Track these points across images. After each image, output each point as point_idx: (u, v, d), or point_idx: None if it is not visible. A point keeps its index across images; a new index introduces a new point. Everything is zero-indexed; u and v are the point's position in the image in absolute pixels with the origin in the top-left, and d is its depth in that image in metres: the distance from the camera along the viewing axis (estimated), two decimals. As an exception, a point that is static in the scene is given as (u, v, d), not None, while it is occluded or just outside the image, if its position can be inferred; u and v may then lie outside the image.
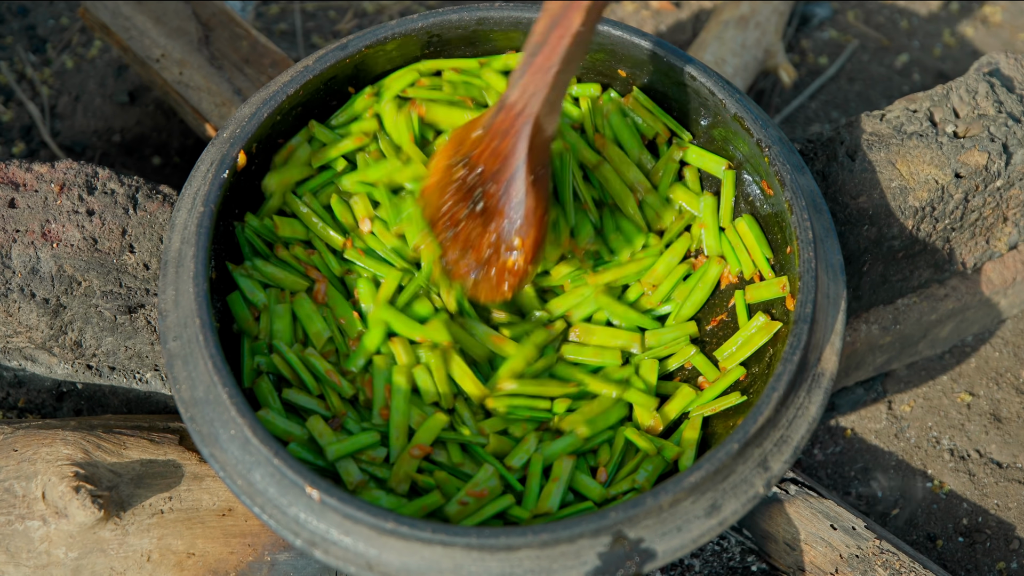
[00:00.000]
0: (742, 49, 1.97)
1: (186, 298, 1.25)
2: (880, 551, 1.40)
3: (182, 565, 1.32)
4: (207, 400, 1.21)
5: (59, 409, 1.57)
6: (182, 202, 1.34)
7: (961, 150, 1.49)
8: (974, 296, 1.67)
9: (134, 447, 1.37)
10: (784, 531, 1.43)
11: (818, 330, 1.28)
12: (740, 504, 1.19)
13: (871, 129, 1.52)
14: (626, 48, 1.42)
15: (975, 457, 1.68)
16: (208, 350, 1.20)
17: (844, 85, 2.15)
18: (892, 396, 1.75)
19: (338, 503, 1.13)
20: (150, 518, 1.33)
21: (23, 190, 1.45)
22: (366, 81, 1.44)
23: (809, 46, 2.19)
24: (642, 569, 1.15)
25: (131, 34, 1.76)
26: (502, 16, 1.43)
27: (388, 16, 2.18)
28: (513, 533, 1.12)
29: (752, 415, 1.19)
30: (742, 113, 1.36)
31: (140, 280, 1.44)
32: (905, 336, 1.67)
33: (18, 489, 1.32)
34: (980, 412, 1.72)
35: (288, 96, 1.36)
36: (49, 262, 1.42)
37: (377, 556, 1.15)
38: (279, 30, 2.16)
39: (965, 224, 1.55)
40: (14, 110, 2.02)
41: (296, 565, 1.34)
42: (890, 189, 1.48)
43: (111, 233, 1.45)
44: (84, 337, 1.44)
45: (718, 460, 1.17)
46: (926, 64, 2.17)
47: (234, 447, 1.19)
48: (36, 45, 2.10)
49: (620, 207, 1.43)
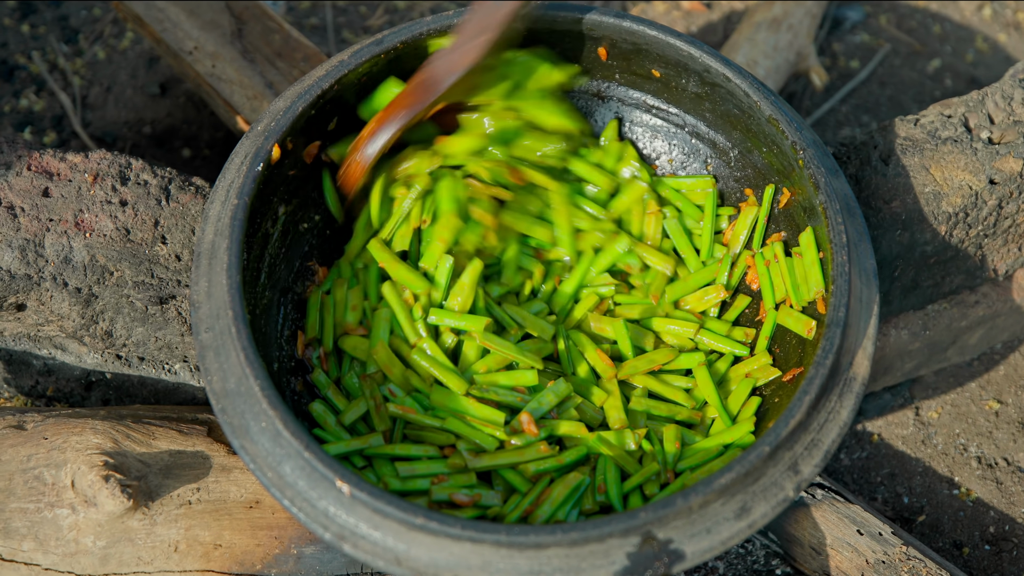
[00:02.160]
0: (774, 51, 1.96)
1: (219, 290, 1.25)
2: (907, 557, 1.39)
3: (209, 556, 1.33)
4: (238, 392, 1.21)
5: (87, 399, 1.58)
6: (216, 194, 1.34)
7: (996, 156, 1.48)
8: (1005, 303, 1.66)
9: (163, 438, 1.38)
10: (810, 535, 1.42)
11: (851, 334, 1.27)
12: (770, 507, 1.19)
13: (905, 134, 1.52)
14: (661, 48, 1.42)
15: (1003, 465, 1.67)
16: (240, 342, 1.20)
17: (875, 89, 2.14)
18: (920, 402, 1.74)
19: (368, 497, 1.13)
20: (178, 509, 1.34)
21: (57, 179, 1.46)
22: (401, 77, 1.44)
23: (841, 49, 2.19)
24: (671, 570, 1.15)
25: (164, 26, 1.76)
26: (537, 15, 1.42)
27: (419, 12, 2.19)
28: (542, 531, 1.12)
29: (784, 418, 1.19)
30: (777, 115, 1.36)
31: (172, 271, 1.44)
32: (934, 342, 1.67)
33: (48, 477, 1.32)
34: (1008, 420, 1.71)
35: (323, 90, 1.36)
36: (82, 251, 1.42)
37: (406, 551, 1.15)
38: (310, 24, 2.16)
39: (998, 231, 1.54)
40: (46, 100, 2.03)
41: (322, 559, 1.34)
42: (923, 194, 1.47)
43: (144, 224, 1.45)
44: (115, 327, 1.45)
45: (749, 463, 1.16)
46: (958, 69, 2.16)
47: (265, 439, 1.19)
48: (68, 36, 2.11)
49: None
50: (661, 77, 1.47)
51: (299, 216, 1.42)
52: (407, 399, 1.34)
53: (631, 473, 1.32)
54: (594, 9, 1.42)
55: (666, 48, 1.41)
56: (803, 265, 1.37)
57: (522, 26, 1.41)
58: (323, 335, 1.40)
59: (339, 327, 1.40)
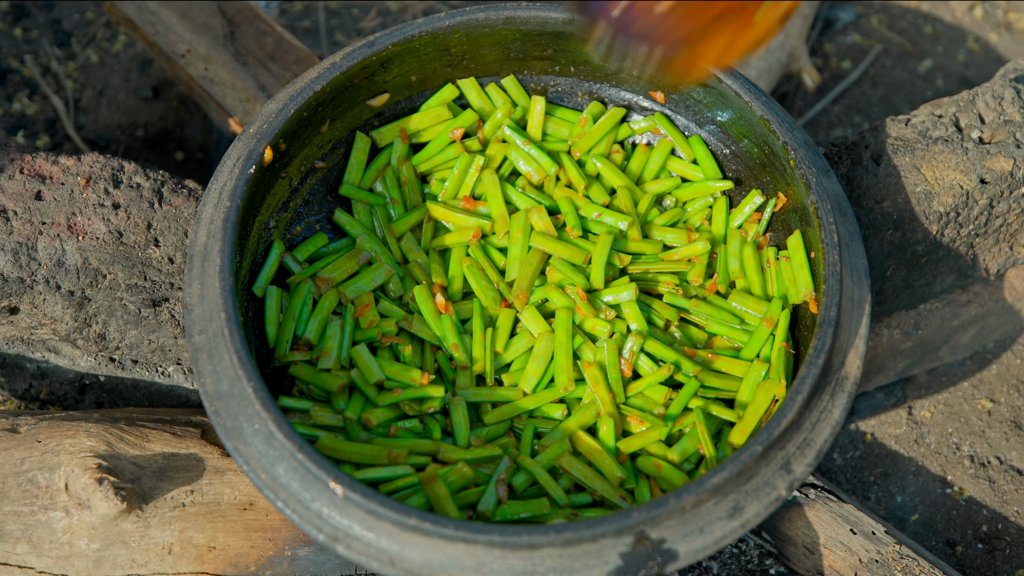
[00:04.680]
0: (766, 52, 1.97)
1: (212, 292, 1.25)
2: (900, 556, 1.39)
3: (203, 558, 1.33)
4: (232, 394, 1.21)
5: (81, 401, 1.58)
6: (208, 197, 1.34)
7: (987, 156, 1.49)
8: (996, 302, 1.66)
9: (156, 440, 1.38)
10: (803, 535, 1.43)
11: (842, 334, 1.28)
12: (762, 506, 1.19)
13: (896, 134, 1.52)
14: (652, 49, 1.42)
15: (995, 464, 1.67)
16: (233, 344, 1.20)
17: (867, 90, 2.14)
18: (912, 401, 1.74)
19: (361, 499, 1.13)
20: (172, 511, 1.34)
21: (50, 183, 1.46)
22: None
23: (832, 50, 2.19)
24: (664, 570, 1.15)
25: (157, 29, 1.76)
26: (528, 16, 1.43)
27: (411, 15, 2.19)
28: (536, 532, 1.13)
29: (776, 417, 1.19)
30: (768, 116, 1.36)
31: (165, 274, 1.44)
32: (927, 341, 1.67)
33: (41, 480, 1.32)
34: (1001, 419, 1.71)
35: (315, 93, 1.36)
36: (75, 255, 1.42)
37: (400, 552, 1.15)
38: (303, 27, 2.16)
39: (989, 230, 1.55)
40: (39, 103, 2.03)
41: (316, 560, 1.34)
42: (915, 194, 1.48)
43: (136, 227, 1.45)
44: (108, 330, 1.45)
45: (741, 462, 1.17)
46: (950, 70, 2.17)
47: (258, 441, 1.19)
48: (61, 39, 2.11)
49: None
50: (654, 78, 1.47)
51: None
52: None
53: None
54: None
55: (657, 49, 1.42)
56: (791, 268, 1.37)
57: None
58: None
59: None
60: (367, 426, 1.31)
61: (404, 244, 1.44)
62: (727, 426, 1.34)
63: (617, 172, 1.48)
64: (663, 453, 1.31)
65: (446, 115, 1.49)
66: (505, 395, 1.35)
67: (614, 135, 1.50)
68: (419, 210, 1.46)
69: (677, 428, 1.33)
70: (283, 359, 1.34)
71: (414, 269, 1.43)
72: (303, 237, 1.45)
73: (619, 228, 1.45)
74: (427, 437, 1.32)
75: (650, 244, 1.44)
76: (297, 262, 1.40)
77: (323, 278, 1.38)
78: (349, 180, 1.46)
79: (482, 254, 1.43)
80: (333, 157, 1.47)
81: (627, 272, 1.43)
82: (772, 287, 1.40)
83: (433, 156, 1.48)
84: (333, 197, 1.48)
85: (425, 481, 1.26)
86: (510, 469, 1.29)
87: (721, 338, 1.40)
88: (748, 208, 1.44)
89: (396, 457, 1.27)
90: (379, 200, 1.46)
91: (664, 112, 1.50)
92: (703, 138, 1.48)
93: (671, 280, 1.42)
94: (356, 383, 1.33)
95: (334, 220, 1.45)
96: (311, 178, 1.45)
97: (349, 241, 1.44)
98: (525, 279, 1.40)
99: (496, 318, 1.40)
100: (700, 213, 1.47)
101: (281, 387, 1.37)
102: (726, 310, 1.39)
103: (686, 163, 1.49)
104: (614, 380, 1.35)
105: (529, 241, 1.43)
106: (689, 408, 1.34)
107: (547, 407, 1.35)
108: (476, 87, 1.50)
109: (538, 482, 1.30)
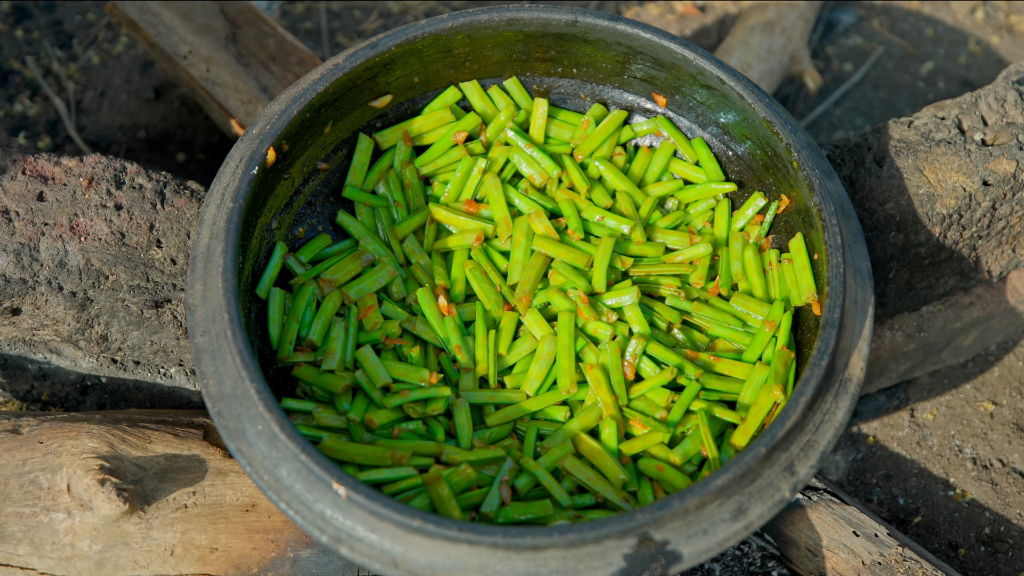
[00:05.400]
0: (768, 54, 1.97)
1: (214, 293, 1.25)
2: (903, 558, 1.39)
3: (205, 560, 1.33)
4: (234, 395, 1.21)
5: (83, 403, 1.57)
6: (211, 198, 1.34)
7: (989, 158, 1.49)
8: (999, 305, 1.66)
9: (159, 441, 1.38)
10: (806, 537, 1.43)
11: (846, 335, 1.27)
12: (766, 508, 1.19)
13: (899, 136, 1.52)
14: (655, 51, 1.42)
15: (998, 466, 1.67)
16: (236, 345, 1.20)
17: (869, 92, 2.14)
18: (915, 404, 1.74)
19: (365, 500, 1.13)
20: (174, 512, 1.33)
21: (52, 184, 1.46)
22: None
23: (834, 52, 2.19)
24: (667, 571, 1.15)
25: (159, 30, 1.76)
26: (531, 17, 1.43)
27: (413, 16, 2.19)
28: (539, 533, 1.12)
29: (780, 419, 1.19)
30: (771, 118, 1.36)
31: (167, 275, 1.44)
32: (929, 344, 1.67)
33: (43, 481, 1.32)
34: (1003, 421, 1.71)
35: (318, 94, 1.36)
36: (77, 256, 1.42)
37: (403, 553, 1.15)
38: (304, 28, 2.16)
39: (992, 232, 1.55)
40: (40, 104, 2.03)
41: (319, 561, 1.34)
42: (917, 196, 1.48)
43: (139, 228, 1.45)
44: (110, 331, 1.44)
45: (745, 463, 1.16)
46: (951, 72, 2.17)
47: (261, 442, 1.19)
48: (63, 40, 2.10)
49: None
50: (656, 80, 1.47)
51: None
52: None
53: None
54: (587, 12, 1.42)
55: (660, 51, 1.42)
56: (793, 271, 1.37)
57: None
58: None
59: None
60: (370, 428, 1.31)
61: (407, 246, 1.44)
62: (729, 428, 1.34)
63: (619, 175, 1.48)
64: (665, 455, 1.31)
65: (449, 118, 1.49)
66: (508, 397, 1.35)
67: (616, 137, 1.51)
68: (422, 213, 1.46)
69: (680, 430, 1.33)
70: (286, 360, 1.34)
71: (417, 271, 1.43)
72: (306, 239, 1.45)
73: (621, 231, 1.45)
74: (430, 439, 1.32)
75: (652, 247, 1.44)
76: (300, 263, 1.40)
77: (326, 280, 1.38)
78: (352, 182, 1.46)
79: (484, 257, 1.43)
80: (336, 158, 1.47)
81: (629, 275, 1.43)
82: (774, 290, 1.40)
83: (436, 159, 1.49)
84: (336, 199, 1.48)
85: (428, 483, 1.25)
86: (513, 471, 1.29)
87: (723, 340, 1.40)
88: (750, 210, 1.44)
89: (399, 459, 1.27)
90: (382, 203, 1.46)
91: (666, 114, 1.50)
92: (706, 140, 1.49)
93: (673, 283, 1.42)
94: (360, 384, 1.33)
95: (337, 222, 1.45)
96: (314, 179, 1.45)
97: (352, 243, 1.44)
98: (528, 282, 1.40)
99: (499, 321, 1.40)
100: (702, 216, 1.47)
101: (284, 389, 1.37)
102: (728, 313, 1.40)
103: (689, 165, 1.49)
104: (617, 383, 1.35)
105: (532, 245, 1.43)
106: (691, 411, 1.34)
107: (550, 409, 1.35)
108: (479, 90, 1.50)
109: (541, 484, 1.30)
